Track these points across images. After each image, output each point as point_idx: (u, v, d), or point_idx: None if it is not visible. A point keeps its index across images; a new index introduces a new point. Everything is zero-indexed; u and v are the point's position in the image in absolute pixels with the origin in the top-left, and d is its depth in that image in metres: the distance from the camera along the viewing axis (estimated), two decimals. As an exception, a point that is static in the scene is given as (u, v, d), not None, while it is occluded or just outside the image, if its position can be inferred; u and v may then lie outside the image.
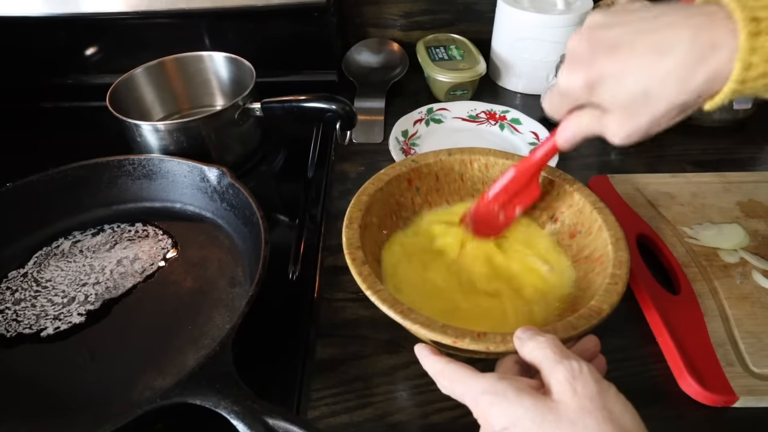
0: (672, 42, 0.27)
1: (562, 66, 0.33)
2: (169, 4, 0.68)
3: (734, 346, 0.41)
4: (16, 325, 0.44)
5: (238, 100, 0.57)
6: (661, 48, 0.28)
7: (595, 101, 0.32)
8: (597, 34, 0.30)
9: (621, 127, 0.31)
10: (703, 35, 0.26)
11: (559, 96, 0.34)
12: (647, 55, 0.28)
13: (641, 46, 0.29)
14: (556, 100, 0.35)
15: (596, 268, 0.40)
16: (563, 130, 0.37)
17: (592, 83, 0.31)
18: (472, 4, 0.82)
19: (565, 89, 0.33)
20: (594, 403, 0.26)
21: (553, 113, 0.37)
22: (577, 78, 0.31)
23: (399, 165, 0.47)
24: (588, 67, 0.30)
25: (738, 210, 0.52)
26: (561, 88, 0.33)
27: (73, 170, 0.53)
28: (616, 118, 0.31)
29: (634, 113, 0.30)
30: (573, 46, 0.32)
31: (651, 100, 0.29)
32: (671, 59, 0.27)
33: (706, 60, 0.27)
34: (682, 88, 0.28)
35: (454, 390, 0.30)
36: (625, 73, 0.29)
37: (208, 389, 0.32)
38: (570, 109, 0.35)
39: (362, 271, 0.37)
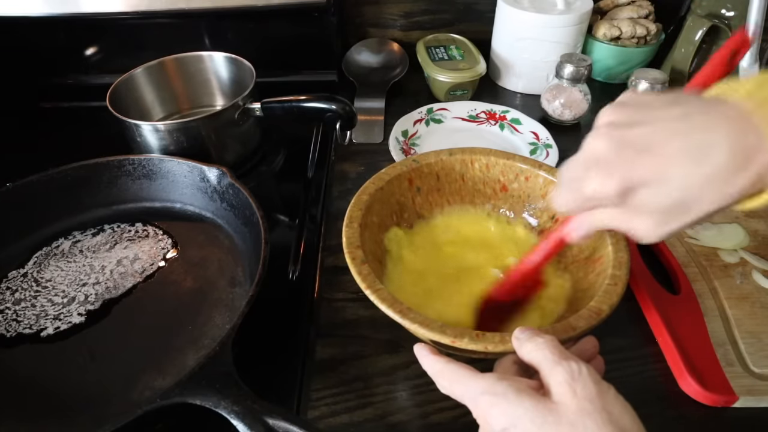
0: (709, 147, 0.26)
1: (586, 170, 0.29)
2: (169, 4, 0.68)
3: (734, 346, 0.41)
4: (16, 325, 0.44)
5: (238, 100, 0.57)
6: (698, 153, 0.26)
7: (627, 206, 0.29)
8: (621, 134, 0.28)
9: (653, 231, 0.29)
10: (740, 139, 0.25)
11: (581, 199, 0.31)
12: (685, 160, 0.26)
13: (675, 150, 0.27)
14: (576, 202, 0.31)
15: (596, 269, 0.40)
16: (578, 226, 0.34)
17: (627, 190, 0.28)
18: (472, 4, 0.82)
19: (592, 194, 0.29)
20: (593, 405, 0.26)
21: (569, 211, 0.33)
22: (611, 185, 0.28)
23: (400, 165, 0.47)
24: (622, 174, 0.28)
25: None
26: (585, 193, 0.30)
27: (73, 170, 0.53)
28: (648, 222, 0.29)
29: (670, 218, 0.28)
30: (594, 148, 0.29)
31: (689, 206, 0.27)
32: (710, 166, 0.26)
33: (747, 167, 0.25)
34: (722, 195, 0.26)
35: (454, 390, 0.30)
36: (663, 180, 0.27)
37: (208, 389, 0.32)
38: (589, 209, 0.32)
39: (362, 270, 0.37)
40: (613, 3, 0.77)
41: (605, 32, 0.73)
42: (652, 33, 0.74)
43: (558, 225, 0.36)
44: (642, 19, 0.74)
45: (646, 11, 0.75)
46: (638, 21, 0.74)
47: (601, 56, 0.76)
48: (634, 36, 0.73)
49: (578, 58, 0.65)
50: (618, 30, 0.73)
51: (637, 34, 0.73)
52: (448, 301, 0.43)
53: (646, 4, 0.76)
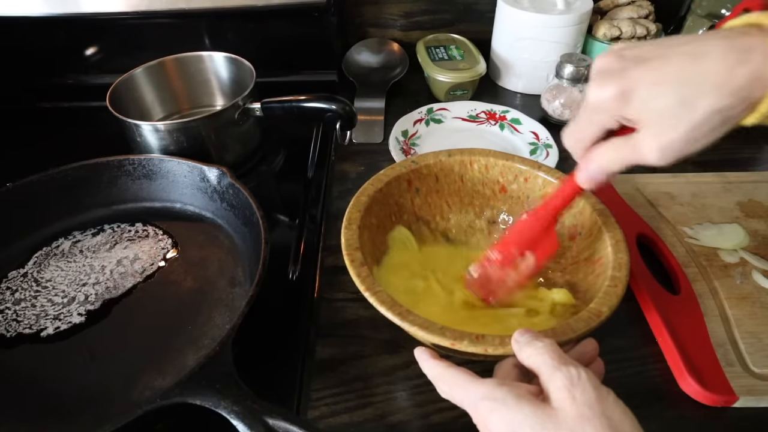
0: (706, 48, 0.27)
1: (590, 82, 0.31)
2: (169, 4, 0.68)
3: (734, 346, 0.41)
4: (16, 325, 0.44)
5: (238, 100, 0.57)
6: (697, 53, 0.27)
7: (628, 114, 0.30)
8: (626, 52, 0.30)
9: (657, 141, 0.29)
10: (737, 42, 0.26)
11: (587, 115, 0.31)
12: (682, 60, 0.27)
13: (674, 55, 0.28)
14: (581, 123, 0.32)
15: (596, 270, 0.40)
16: (586, 165, 0.33)
17: (626, 92, 0.29)
18: (472, 4, 0.82)
19: (595, 103, 0.30)
20: (593, 410, 0.26)
21: (577, 143, 0.33)
22: (609, 89, 0.29)
23: (399, 166, 0.47)
24: (620, 77, 0.29)
25: (738, 210, 0.52)
26: (590, 102, 0.31)
27: (73, 170, 0.53)
28: (651, 131, 0.29)
29: (671, 123, 0.28)
30: (601, 63, 0.30)
31: (690, 105, 0.27)
32: (708, 62, 0.27)
33: (745, 61, 0.26)
34: (723, 91, 0.27)
35: (454, 395, 0.30)
36: (660, 80, 0.28)
37: (208, 389, 0.32)
38: (595, 138, 0.32)
39: (361, 272, 0.37)
40: (613, 3, 0.77)
41: (605, 32, 0.73)
42: (652, 33, 0.74)
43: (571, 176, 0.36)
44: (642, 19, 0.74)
45: (646, 11, 0.75)
46: (638, 21, 0.74)
47: (601, 56, 0.75)
48: (634, 36, 0.73)
49: (578, 58, 0.65)
50: (618, 30, 0.73)
51: (637, 34, 0.73)
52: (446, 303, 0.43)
53: (646, 4, 0.76)
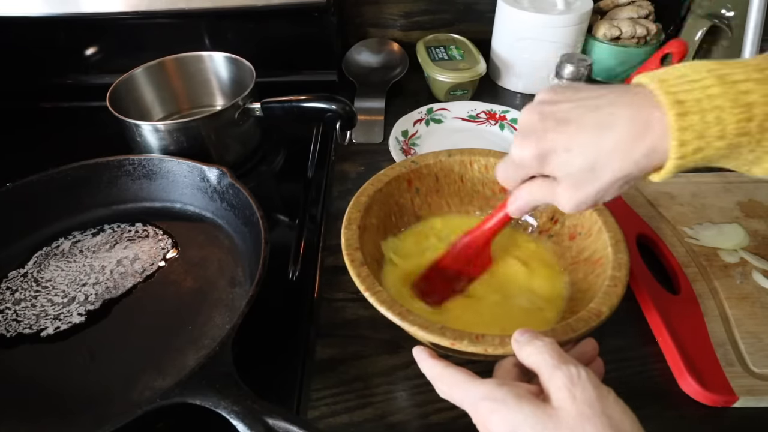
0: (614, 119, 0.29)
1: (515, 138, 0.34)
2: (169, 4, 0.68)
3: (734, 346, 0.41)
4: (16, 325, 0.44)
5: (238, 100, 0.57)
6: (604, 125, 0.30)
7: (545, 172, 0.33)
8: (546, 109, 0.32)
9: (570, 196, 0.32)
10: (639, 115, 0.29)
11: (513, 166, 0.35)
12: (592, 130, 0.30)
13: (587, 122, 0.30)
14: (510, 169, 0.36)
15: (596, 270, 0.40)
16: (515, 199, 0.38)
17: (543, 155, 0.32)
18: (472, 4, 0.82)
19: (518, 160, 0.34)
20: (593, 410, 0.26)
21: (506, 183, 0.37)
22: (529, 150, 0.33)
23: (398, 166, 0.47)
24: (539, 139, 0.32)
25: (738, 210, 0.52)
26: (514, 158, 0.34)
27: (73, 170, 0.53)
28: (565, 188, 0.33)
29: (582, 184, 0.31)
30: (524, 119, 0.33)
31: (597, 172, 0.30)
32: (613, 136, 0.29)
33: (643, 137, 0.28)
34: (624, 162, 0.29)
35: (453, 395, 0.30)
36: (573, 146, 0.31)
37: (208, 389, 0.32)
38: (521, 180, 0.36)
39: (361, 272, 0.37)
40: (613, 3, 0.77)
41: (605, 32, 0.73)
42: (652, 33, 0.74)
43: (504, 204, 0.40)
44: (642, 19, 0.74)
45: (646, 11, 0.75)
46: (638, 21, 0.74)
47: (601, 56, 0.75)
48: (634, 36, 0.73)
49: (578, 58, 0.65)
50: (618, 30, 0.73)
51: (637, 34, 0.73)
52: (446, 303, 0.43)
53: (646, 4, 0.76)
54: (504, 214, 0.40)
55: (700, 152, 0.28)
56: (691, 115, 0.27)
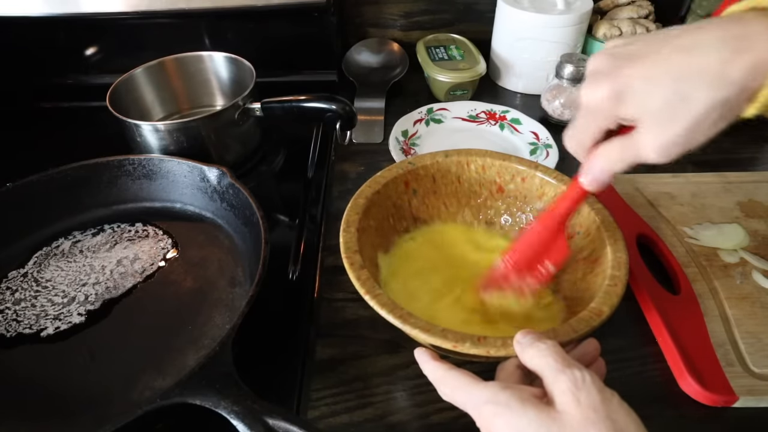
0: (700, 40, 0.26)
1: (584, 85, 0.30)
2: (169, 4, 0.68)
3: (734, 346, 0.41)
4: (16, 325, 0.44)
5: (238, 100, 0.57)
6: (690, 47, 0.26)
7: (624, 116, 0.29)
8: (618, 50, 0.29)
9: (657, 138, 0.28)
10: (732, 30, 0.25)
11: (583, 118, 0.31)
12: (676, 55, 0.27)
13: (668, 50, 0.27)
14: (579, 127, 0.32)
15: (595, 270, 0.40)
16: (590, 168, 0.33)
17: (619, 92, 0.28)
18: (472, 4, 0.82)
19: (589, 105, 0.30)
20: (598, 414, 0.25)
21: (578, 147, 0.33)
22: (602, 89, 0.29)
23: (396, 167, 0.47)
24: (612, 77, 0.28)
25: (738, 210, 0.52)
26: (584, 105, 0.30)
27: (73, 170, 0.53)
28: (650, 129, 0.28)
29: (670, 119, 0.27)
30: (594, 64, 0.30)
31: (686, 101, 0.26)
32: (703, 55, 0.26)
33: (741, 51, 0.25)
34: (721, 82, 0.26)
35: (456, 398, 0.30)
36: (654, 76, 0.27)
37: (208, 389, 0.32)
38: (595, 140, 0.32)
39: (360, 275, 0.37)
40: (613, 3, 0.77)
41: (605, 32, 0.73)
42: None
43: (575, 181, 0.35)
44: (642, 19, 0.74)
45: (646, 11, 0.75)
46: (638, 21, 0.74)
47: (601, 56, 0.75)
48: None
49: (578, 58, 0.65)
50: (618, 30, 0.73)
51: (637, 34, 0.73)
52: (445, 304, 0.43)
53: (646, 4, 0.76)
54: (579, 190, 0.35)
55: None
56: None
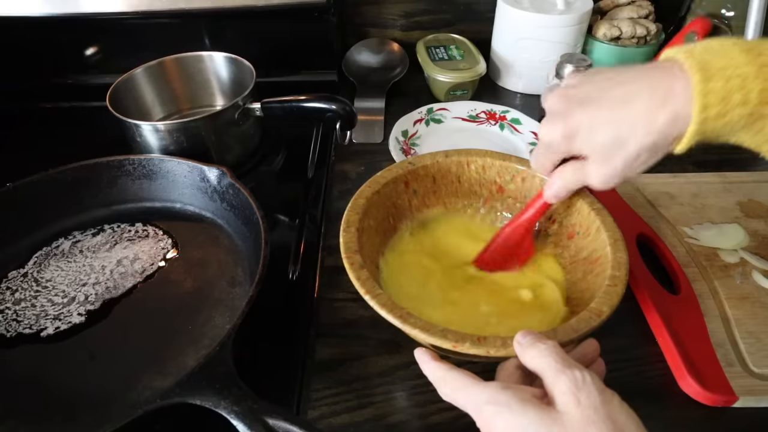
0: (634, 92, 0.31)
1: (542, 123, 0.36)
2: (169, 4, 0.68)
3: (734, 346, 0.41)
4: (16, 325, 0.44)
5: (238, 100, 0.57)
6: (625, 98, 0.31)
7: (574, 150, 0.35)
8: (570, 92, 0.34)
9: (599, 171, 0.34)
10: (661, 84, 0.30)
11: (543, 150, 0.38)
12: (615, 105, 0.32)
13: (608, 99, 0.32)
14: (541, 155, 0.39)
15: (595, 270, 0.40)
16: (550, 185, 0.40)
17: (570, 134, 0.34)
18: (472, 4, 0.82)
19: (547, 141, 0.36)
20: (598, 414, 0.26)
21: (540, 169, 0.41)
22: (556, 130, 0.35)
23: (396, 167, 0.47)
24: (564, 120, 0.34)
25: (738, 210, 0.52)
26: (543, 141, 0.37)
27: (73, 170, 0.53)
28: (594, 163, 0.35)
29: (609, 158, 0.33)
30: (550, 104, 0.36)
31: (622, 143, 0.32)
32: (635, 106, 0.31)
33: (665, 104, 0.30)
34: (648, 130, 0.30)
35: (456, 398, 0.30)
36: (597, 123, 0.33)
37: (208, 389, 0.32)
38: (554, 164, 0.39)
39: (360, 275, 0.37)
40: (613, 3, 0.77)
41: (605, 32, 0.73)
42: (652, 33, 0.74)
43: (540, 193, 0.42)
44: (642, 19, 0.74)
45: (646, 11, 0.75)
46: (638, 21, 0.74)
47: (601, 56, 0.75)
48: (634, 36, 0.73)
49: (578, 58, 0.65)
50: (618, 30, 0.73)
51: (637, 34, 0.73)
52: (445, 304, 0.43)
53: (646, 4, 0.76)
54: (542, 202, 0.42)
55: (722, 118, 0.28)
56: (715, 81, 0.28)
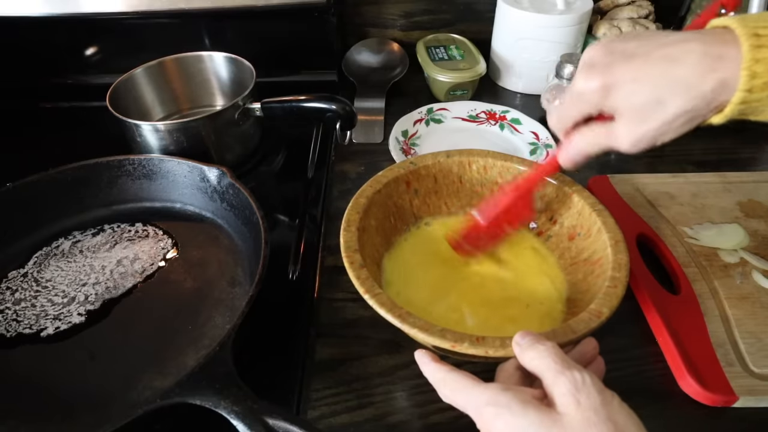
0: (684, 53, 0.30)
1: (578, 72, 0.34)
2: (169, 4, 0.68)
3: (734, 346, 0.41)
4: (16, 325, 0.44)
5: (238, 100, 0.57)
6: (674, 58, 0.30)
7: (607, 105, 0.33)
8: (614, 45, 0.32)
9: (631, 132, 0.32)
10: (712, 48, 0.29)
11: (572, 100, 0.35)
12: (661, 63, 0.30)
13: (656, 56, 0.31)
14: (566, 106, 0.35)
15: (595, 271, 0.40)
16: (568, 147, 0.37)
17: (609, 86, 0.32)
18: (472, 4, 0.82)
19: (581, 91, 0.33)
20: (598, 415, 0.26)
21: (559, 123, 0.37)
22: (595, 81, 0.32)
23: (397, 167, 0.47)
24: (605, 70, 0.32)
25: (738, 210, 0.52)
26: (576, 90, 0.34)
27: (73, 170, 0.53)
28: (626, 122, 0.32)
29: (645, 117, 0.31)
30: (590, 55, 0.33)
31: (663, 104, 0.30)
32: (683, 67, 0.30)
33: (714, 69, 0.29)
34: (692, 94, 0.30)
35: (456, 400, 0.30)
36: (640, 78, 0.31)
37: (208, 389, 0.32)
38: (577, 120, 0.36)
39: (360, 274, 0.37)
40: (613, 3, 0.77)
41: (605, 32, 0.73)
42: (652, 33, 0.74)
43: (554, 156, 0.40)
44: (642, 19, 0.74)
45: (646, 11, 0.75)
46: (638, 21, 0.74)
47: (601, 56, 0.75)
48: (634, 36, 0.73)
49: (578, 58, 0.65)
50: (618, 30, 0.73)
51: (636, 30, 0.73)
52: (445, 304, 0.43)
53: (646, 4, 0.76)
54: (554, 163, 0.39)
55: None
56: (766, 49, 0.27)
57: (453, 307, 0.42)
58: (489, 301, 0.43)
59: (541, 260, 0.46)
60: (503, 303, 0.43)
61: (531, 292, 0.43)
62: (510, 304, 0.42)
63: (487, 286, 0.44)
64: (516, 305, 0.42)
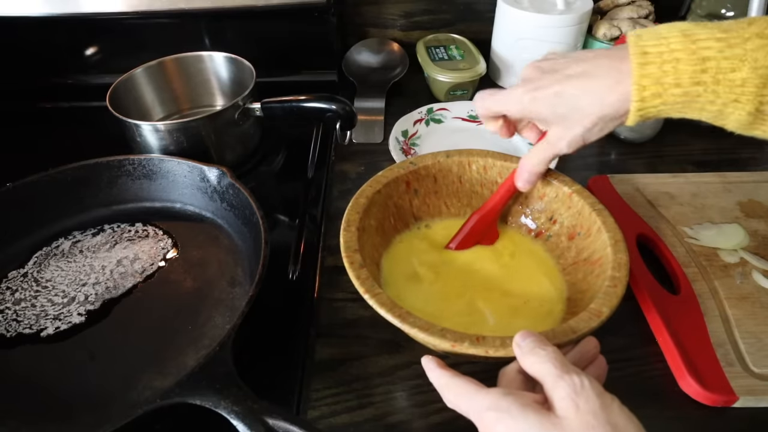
0: (596, 68, 0.35)
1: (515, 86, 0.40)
2: (169, 4, 0.68)
3: (734, 346, 0.41)
4: (16, 325, 0.44)
5: (238, 100, 0.57)
6: (589, 74, 0.36)
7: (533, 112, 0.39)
8: (542, 64, 0.39)
9: (563, 136, 0.38)
10: (616, 65, 0.34)
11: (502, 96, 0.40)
12: (579, 78, 0.36)
13: (575, 71, 0.36)
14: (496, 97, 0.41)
15: (595, 270, 0.40)
16: (520, 173, 0.43)
17: (536, 97, 0.38)
18: (472, 4, 0.82)
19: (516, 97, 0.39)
20: (597, 419, 0.26)
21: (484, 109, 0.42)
22: (526, 91, 0.38)
23: (397, 167, 0.47)
24: (535, 84, 0.38)
25: (738, 210, 0.52)
26: (508, 92, 0.40)
27: (73, 170, 0.53)
28: (557, 129, 0.39)
29: (570, 125, 0.37)
30: (524, 72, 0.40)
31: (582, 112, 0.36)
32: (595, 82, 0.35)
33: (619, 82, 0.34)
34: (603, 104, 0.35)
35: (459, 404, 0.30)
36: (562, 92, 0.36)
37: (208, 389, 0.32)
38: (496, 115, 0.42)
39: (360, 274, 0.37)
40: (613, 3, 0.77)
41: (605, 32, 0.73)
42: (652, 33, 0.74)
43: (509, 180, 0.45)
44: (642, 19, 0.74)
45: (646, 11, 0.75)
46: (638, 21, 0.74)
47: (601, 56, 0.75)
48: (634, 36, 0.73)
49: (578, 58, 0.65)
50: (618, 30, 0.73)
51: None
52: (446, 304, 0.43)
53: (646, 4, 0.76)
54: (513, 187, 0.44)
55: (658, 98, 0.33)
56: (651, 65, 0.32)
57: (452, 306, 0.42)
58: (489, 301, 0.43)
59: (540, 260, 0.46)
60: (503, 302, 0.42)
61: (530, 292, 0.43)
62: (510, 303, 0.42)
63: (487, 285, 0.44)
64: (516, 305, 0.42)
